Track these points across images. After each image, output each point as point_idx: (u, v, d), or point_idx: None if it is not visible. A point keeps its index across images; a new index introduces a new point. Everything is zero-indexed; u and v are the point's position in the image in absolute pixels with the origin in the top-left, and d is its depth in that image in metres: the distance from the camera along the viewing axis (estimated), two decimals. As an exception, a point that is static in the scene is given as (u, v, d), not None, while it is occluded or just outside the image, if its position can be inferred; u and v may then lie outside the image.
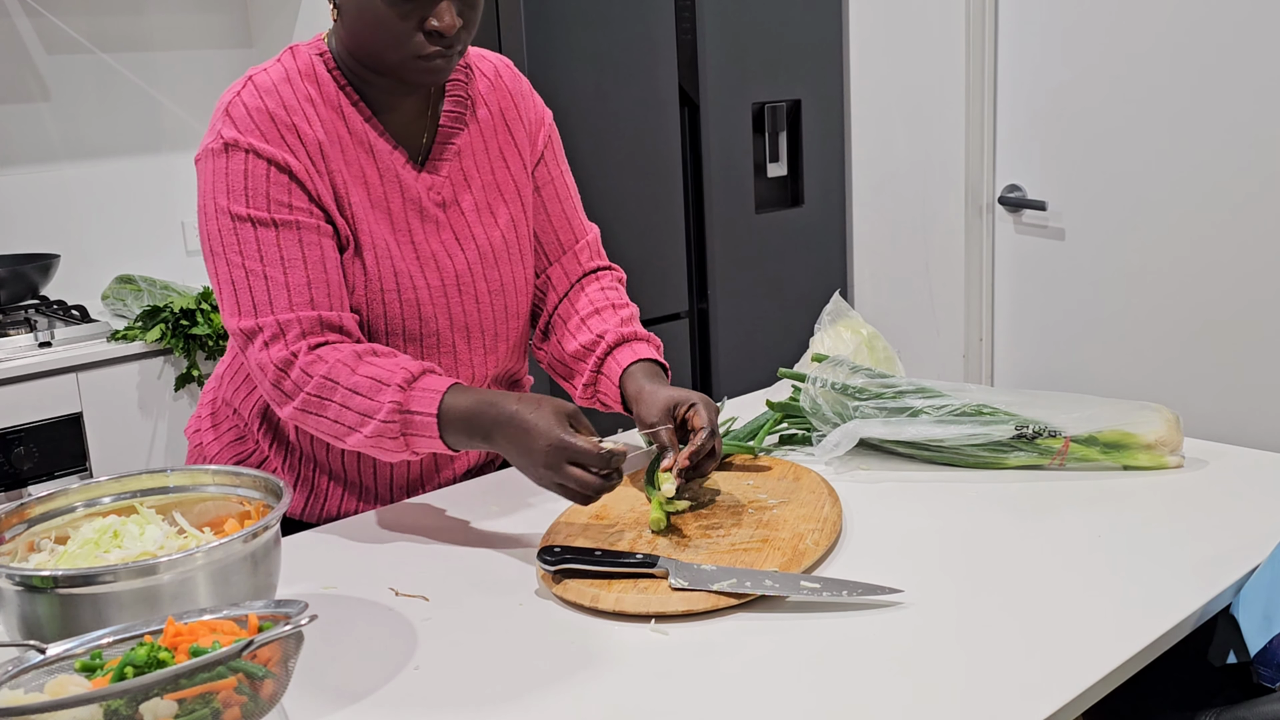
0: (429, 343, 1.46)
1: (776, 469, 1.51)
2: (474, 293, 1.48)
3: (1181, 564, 1.23)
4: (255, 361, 1.35)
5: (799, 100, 3.25)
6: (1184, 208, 2.69)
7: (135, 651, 0.87)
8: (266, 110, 1.36)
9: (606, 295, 1.60)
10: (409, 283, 1.42)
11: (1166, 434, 1.48)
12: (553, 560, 1.23)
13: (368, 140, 1.41)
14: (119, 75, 3.17)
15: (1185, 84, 2.63)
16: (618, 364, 1.51)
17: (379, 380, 1.31)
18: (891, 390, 1.57)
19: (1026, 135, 2.99)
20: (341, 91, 1.40)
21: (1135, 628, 1.09)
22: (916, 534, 1.34)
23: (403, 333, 1.43)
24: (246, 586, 1.07)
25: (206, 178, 1.36)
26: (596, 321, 1.56)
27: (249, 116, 1.35)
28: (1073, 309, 2.95)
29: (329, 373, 1.32)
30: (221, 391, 1.58)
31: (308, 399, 1.33)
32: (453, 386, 1.31)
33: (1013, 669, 1.04)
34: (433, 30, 1.32)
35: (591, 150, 2.82)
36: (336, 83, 1.40)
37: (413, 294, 1.43)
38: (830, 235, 3.40)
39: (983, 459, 1.51)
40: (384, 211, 1.41)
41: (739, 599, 1.17)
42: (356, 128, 1.41)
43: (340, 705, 1.04)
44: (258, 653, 0.88)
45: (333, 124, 1.39)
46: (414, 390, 1.31)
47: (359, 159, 1.40)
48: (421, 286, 1.43)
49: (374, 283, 1.40)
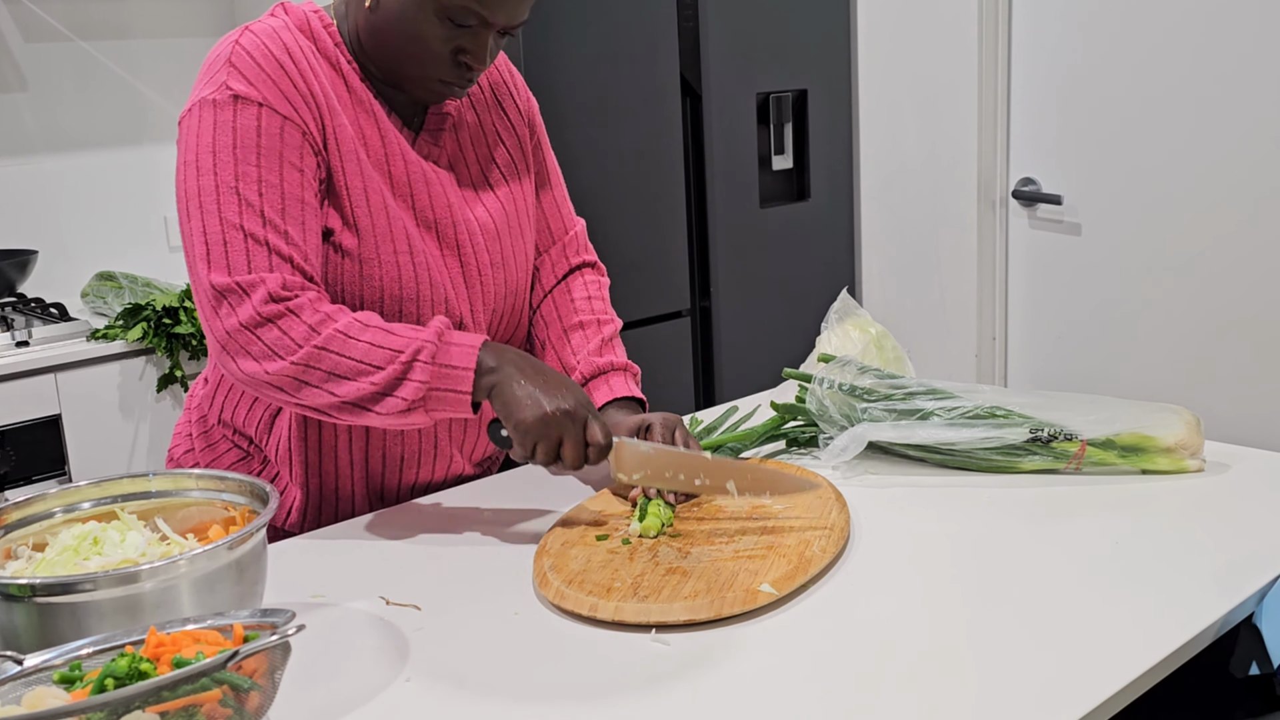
0: (437, 309, 1.44)
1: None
2: (476, 264, 1.48)
3: (1202, 572, 1.23)
4: (260, 313, 1.27)
5: (805, 90, 3.26)
6: (1205, 201, 2.69)
7: (116, 663, 0.87)
8: (274, 56, 1.33)
9: (591, 305, 1.62)
10: (419, 244, 1.42)
11: (1187, 437, 1.48)
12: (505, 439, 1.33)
13: (365, 100, 1.41)
14: (99, 64, 3.17)
15: (1208, 71, 2.63)
16: None
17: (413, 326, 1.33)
18: (901, 392, 1.58)
19: (1041, 126, 2.99)
20: (337, 49, 1.41)
21: (1154, 638, 1.09)
22: (927, 540, 1.35)
23: (417, 298, 1.42)
24: (231, 595, 1.07)
25: (205, 130, 1.30)
26: (578, 339, 1.59)
27: (258, 66, 1.32)
28: (1089, 307, 2.95)
29: (359, 316, 1.31)
30: (216, 413, 1.53)
31: (332, 337, 1.28)
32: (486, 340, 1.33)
33: (1026, 681, 1.04)
34: (464, 62, 1.35)
35: (590, 142, 2.82)
36: (332, 39, 1.41)
37: (424, 256, 1.42)
38: (838, 230, 3.40)
39: (996, 463, 1.51)
40: (385, 174, 1.41)
41: (742, 607, 1.17)
42: (355, 85, 1.41)
43: (329, 719, 1.04)
44: (243, 664, 0.88)
45: (332, 79, 1.39)
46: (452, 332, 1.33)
47: (359, 118, 1.40)
48: (427, 250, 1.43)
49: (385, 243, 1.39)
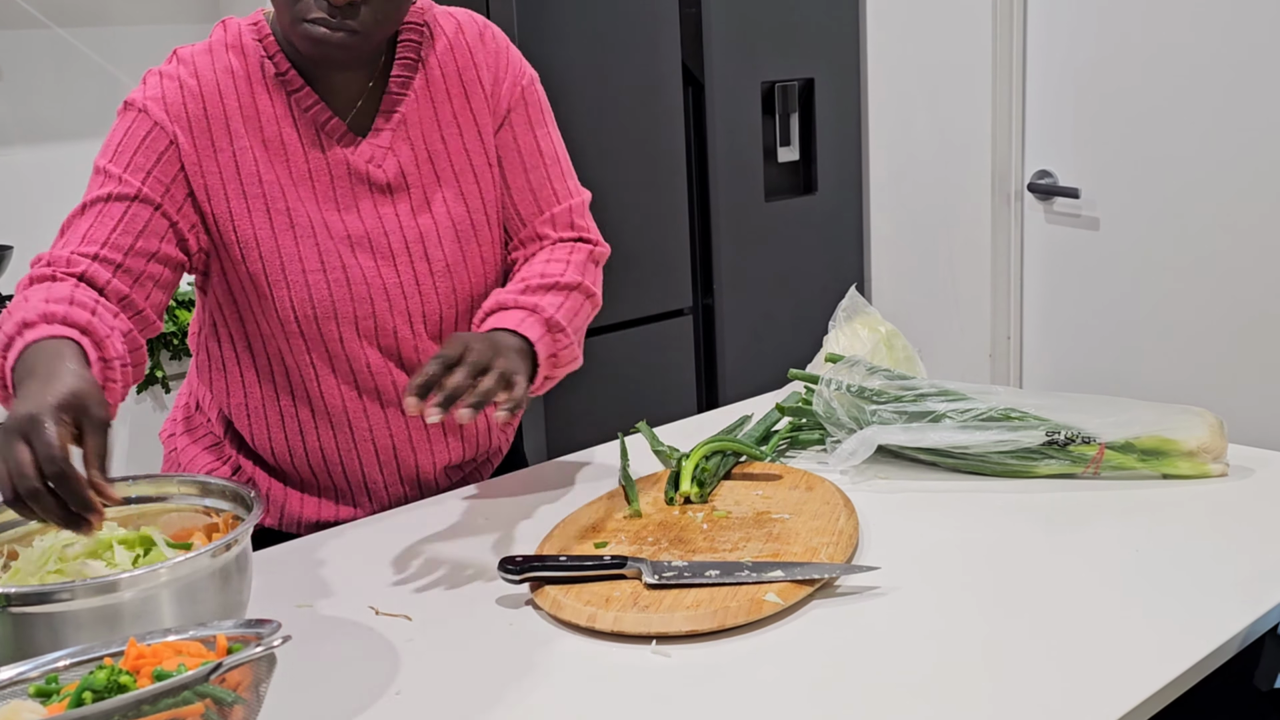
0: (365, 326, 1.46)
1: (788, 478, 1.52)
2: (413, 273, 1.48)
3: (1225, 581, 1.23)
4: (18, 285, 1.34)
5: (812, 79, 3.26)
6: (1229, 193, 2.69)
7: (94, 675, 0.87)
8: (178, 79, 1.42)
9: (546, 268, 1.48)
10: (336, 261, 1.44)
11: (1209, 440, 1.48)
12: (515, 570, 1.25)
13: (292, 113, 1.43)
14: (77, 52, 3.17)
15: (1231, 59, 2.63)
16: None
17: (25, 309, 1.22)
18: (912, 393, 1.58)
19: (1058, 116, 2.99)
20: (269, 60, 1.43)
21: (1175, 650, 1.09)
22: (939, 548, 1.35)
23: (335, 316, 1.45)
24: (215, 605, 1.07)
25: None
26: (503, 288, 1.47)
27: (159, 82, 1.42)
28: (1108, 305, 2.95)
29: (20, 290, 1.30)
30: (194, 392, 1.61)
31: None
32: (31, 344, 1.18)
33: (1042, 696, 1.04)
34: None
35: (586, 133, 2.82)
36: (265, 52, 1.43)
37: (341, 273, 1.44)
38: (846, 225, 3.40)
39: (1011, 467, 1.51)
40: (308, 187, 1.43)
41: (746, 617, 1.17)
42: (279, 99, 1.43)
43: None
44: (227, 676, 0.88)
45: (249, 96, 1.42)
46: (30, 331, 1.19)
47: (279, 133, 1.43)
48: (352, 265, 1.44)
49: (295, 263, 1.42)
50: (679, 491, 1.44)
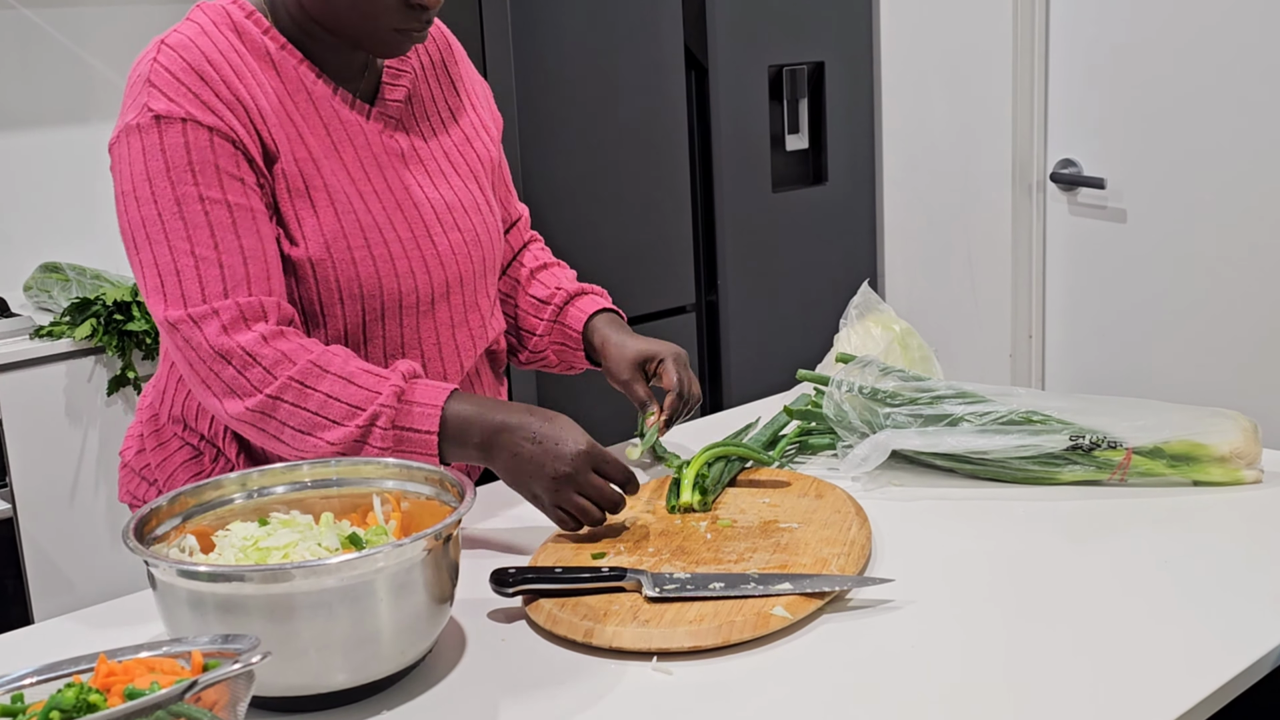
0: (408, 302, 1.48)
1: (796, 485, 1.52)
2: (448, 242, 1.51)
3: (1260, 592, 1.23)
4: (214, 347, 1.35)
5: (822, 63, 3.26)
6: (1264, 185, 2.69)
7: (63, 694, 0.87)
8: (193, 68, 1.37)
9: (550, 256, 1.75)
10: (378, 236, 1.45)
11: (1243, 445, 1.48)
12: (508, 583, 1.25)
13: (305, 86, 1.44)
14: (43, 33, 3.17)
15: (1265, 43, 2.63)
16: (581, 312, 1.66)
17: (374, 373, 1.37)
18: (928, 395, 1.58)
19: (1083, 102, 2.99)
20: (265, 36, 1.43)
21: (1209, 664, 1.09)
22: (958, 559, 1.34)
23: (380, 292, 1.45)
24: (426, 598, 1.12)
25: (135, 158, 1.36)
26: (548, 276, 1.71)
27: (177, 80, 1.37)
28: (1136, 302, 2.96)
29: (317, 359, 1.36)
30: (168, 409, 1.57)
31: (287, 385, 1.34)
32: (454, 390, 1.38)
33: (1070, 714, 1.04)
34: (416, 4, 1.39)
35: (584, 121, 2.82)
36: (258, 27, 1.43)
37: (384, 248, 1.45)
38: (858, 217, 3.41)
39: (1032, 474, 1.51)
40: (338, 161, 1.45)
41: (752, 633, 1.17)
42: (290, 73, 1.43)
43: (297, 755, 1.05)
44: (202, 695, 0.88)
45: (263, 73, 1.42)
46: (416, 382, 1.38)
47: (300, 107, 1.43)
48: (393, 239, 1.46)
49: (339, 240, 1.43)
50: (679, 501, 1.44)
